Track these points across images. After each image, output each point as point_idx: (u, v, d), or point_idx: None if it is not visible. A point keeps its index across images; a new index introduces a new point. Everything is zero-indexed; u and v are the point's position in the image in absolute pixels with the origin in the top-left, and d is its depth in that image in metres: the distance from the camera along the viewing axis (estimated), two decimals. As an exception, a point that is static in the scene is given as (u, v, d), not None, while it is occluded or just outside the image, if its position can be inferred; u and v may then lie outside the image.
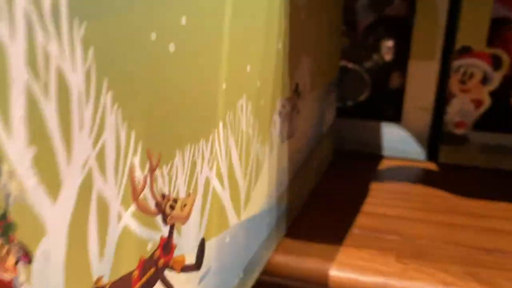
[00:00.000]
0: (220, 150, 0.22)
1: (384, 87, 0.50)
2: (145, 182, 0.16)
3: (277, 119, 0.28)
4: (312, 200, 0.41)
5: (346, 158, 0.50)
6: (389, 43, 0.48)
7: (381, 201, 0.42)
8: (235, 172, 0.24)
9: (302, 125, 0.34)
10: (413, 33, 0.46)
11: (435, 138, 0.50)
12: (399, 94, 0.49)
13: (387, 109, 0.50)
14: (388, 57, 0.49)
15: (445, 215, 0.40)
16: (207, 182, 0.21)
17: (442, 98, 0.48)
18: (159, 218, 0.18)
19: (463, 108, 0.47)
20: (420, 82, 0.48)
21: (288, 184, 0.33)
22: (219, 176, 0.22)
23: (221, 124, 0.21)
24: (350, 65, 0.49)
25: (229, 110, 0.22)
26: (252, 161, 0.26)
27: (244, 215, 0.26)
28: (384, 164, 0.49)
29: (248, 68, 0.23)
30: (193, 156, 0.19)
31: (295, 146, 0.33)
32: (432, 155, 0.50)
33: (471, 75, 0.46)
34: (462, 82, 0.47)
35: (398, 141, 0.50)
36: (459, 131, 0.48)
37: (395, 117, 0.49)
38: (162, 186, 0.18)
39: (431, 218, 0.39)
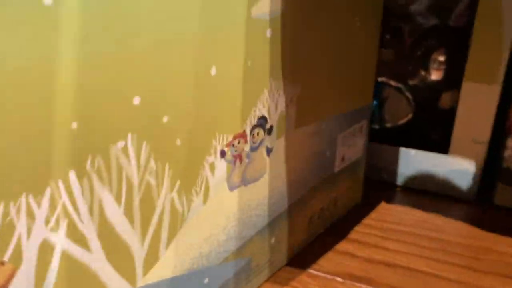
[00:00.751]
0: (76, 206, 0.17)
1: (430, 111, 0.42)
2: None
3: (218, 161, 0.23)
4: (327, 243, 0.35)
5: (378, 193, 0.43)
6: (441, 57, 0.41)
7: (416, 250, 0.35)
8: (116, 230, 0.19)
9: (279, 167, 0.28)
10: (470, 49, 0.38)
11: (490, 175, 0.42)
12: (448, 120, 0.41)
13: (433, 137, 0.43)
14: (437, 74, 0.41)
15: (499, 279, 0.32)
16: (47, 246, 0.17)
17: (502, 129, 0.40)
18: None
19: (527, 142, 0.39)
20: (475, 109, 0.39)
21: (252, 236, 0.27)
22: (76, 237, 0.18)
23: (72, 174, 0.17)
24: (392, 82, 0.42)
25: (91, 155, 0.17)
26: (159, 214, 0.21)
27: (147, 279, 0.21)
28: (424, 203, 0.42)
29: (137, 100, 0.18)
30: (5, 216, 0.15)
31: (263, 192, 0.27)
32: (485, 195, 0.43)
33: (541, 103, 0.38)
34: (528, 110, 0.38)
35: (443, 176, 0.42)
36: (521, 170, 0.40)
37: (442, 147, 0.42)
38: None
39: (479, 282, 0.32)
